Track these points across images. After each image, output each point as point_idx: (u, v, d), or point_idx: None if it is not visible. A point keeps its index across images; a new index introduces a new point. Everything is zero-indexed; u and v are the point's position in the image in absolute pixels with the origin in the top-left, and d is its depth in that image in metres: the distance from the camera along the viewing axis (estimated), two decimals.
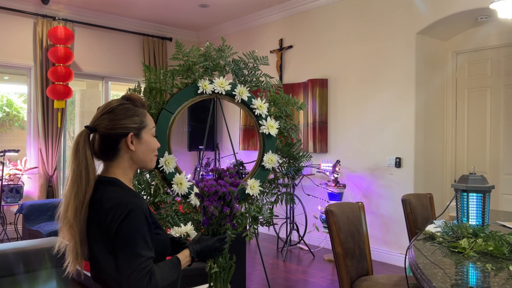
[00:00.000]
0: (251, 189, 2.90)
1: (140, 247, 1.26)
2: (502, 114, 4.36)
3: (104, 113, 1.38)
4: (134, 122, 1.39)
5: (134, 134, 1.39)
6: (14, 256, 2.52)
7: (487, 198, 1.89)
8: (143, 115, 1.43)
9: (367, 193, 4.79)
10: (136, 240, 1.26)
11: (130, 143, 1.38)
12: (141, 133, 1.41)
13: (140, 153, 1.41)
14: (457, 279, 1.39)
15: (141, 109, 1.43)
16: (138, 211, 1.29)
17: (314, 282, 4.01)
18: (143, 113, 1.43)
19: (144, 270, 1.24)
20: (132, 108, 1.41)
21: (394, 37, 4.56)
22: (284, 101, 3.13)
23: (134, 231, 1.26)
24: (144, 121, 1.42)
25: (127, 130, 1.38)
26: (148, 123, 1.44)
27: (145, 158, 1.43)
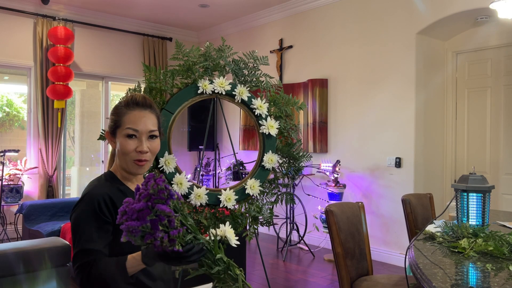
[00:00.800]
0: (251, 189, 2.90)
1: (82, 238, 1.26)
2: (502, 114, 4.36)
3: None
4: (111, 121, 1.42)
5: (110, 132, 1.41)
6: (14, 256, 2.51)
7: (487, 198, 1.89)
8: (122, 114, 1.39)
9: (367, 193, 4.79)
10: (79, 230, 1.28)
11: (108, 140, 1.43)
12: (116, 132, 1.40)
13: (118, 153, 1.41)
14: (457, 279, 1.39)
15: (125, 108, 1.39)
16: (89, 201, 1.30)
17: (314, 282, 4.01)
18: (123, 112, 1.39)
19: (82, 260, 1.24)
20: (118, 107, 1.42)
21: (394, 37, 4.57)
22: (284, 101, 3.13)
23: (80, 218, 1.29)
24: (119, 120, 1.39)
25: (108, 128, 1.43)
26: (122, 123, 1.38)
27: (121, 160, 1.40)
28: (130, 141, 1.36)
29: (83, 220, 1.29)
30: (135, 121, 1.37)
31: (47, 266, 2.63)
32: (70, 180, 7.46)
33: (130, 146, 1.36)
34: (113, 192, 1.35)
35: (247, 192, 2.90)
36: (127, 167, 1.39)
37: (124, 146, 1.36)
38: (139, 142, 1.37)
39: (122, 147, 1.37)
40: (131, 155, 1.36)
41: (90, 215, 1.29)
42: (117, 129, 1.39)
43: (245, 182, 2.94)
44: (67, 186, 7.03)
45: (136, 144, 1.36)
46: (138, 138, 1.37)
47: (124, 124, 1.37)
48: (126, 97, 1.47)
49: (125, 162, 1.38)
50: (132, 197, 1.27)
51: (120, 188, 1.39)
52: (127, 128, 1.37)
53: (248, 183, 2.92)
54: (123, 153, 1.37)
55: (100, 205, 1.30)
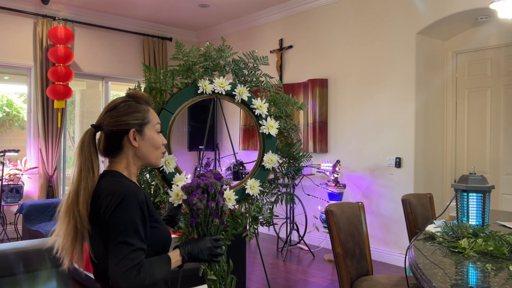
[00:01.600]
0: (251, 189, 2.90)
1: (130, 237, 1.22)
2: (502, 114, 4.36)
3: (107, 110, 1.40)
4: (135, 118, 1.39)
5: (136, 130, 1.39)
6: (14, 256, 2.51)
7: (487, 198, 1.88)
8: (146, 111, 1.42)
9: (367, 193, 4.79)
10: (127, 228, 1.23)
11: (133, 140, 1.38)
12: (143, 129, 1.40)
13: (143, 149, 1.40)
14: (457, 279, 1.39)
15: (144, 105, 1.43)
16: (131, 199, 1.26)
17: (314, 282, 4.01)
18: (146, 109, 1.42)
19: (132, 261, 1.21)
20: (134, 105, 1.41)
21: (394, 37, 4.56)
22: (284, 101, 3.13)
23: (125, 219, 1.24)
24: (146, 117, 1.41)
25: (129, 126, 1.38)
26: (151, 119, 1.42)
27: (149, 155, 1.42)
28: (160, 135, 1.44)
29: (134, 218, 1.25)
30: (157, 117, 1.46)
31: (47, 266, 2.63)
32: (70, 180, 7.45)
33: (161, 139, 1.44)
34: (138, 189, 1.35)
35: (247, 192, 2.90)
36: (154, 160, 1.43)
37: (157, 141, 1.42)
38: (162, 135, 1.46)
39: (154, 142, 1.41)
40: (161, 149, 1.44)
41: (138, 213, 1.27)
42: (146, 125, 1.41)
43: (245, 182, 2.94)
44: (67, 186, 7.03)
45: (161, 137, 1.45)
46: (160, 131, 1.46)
47: (153, 120, 1.43)
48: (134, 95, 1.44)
49: (154, 157, 1.43)
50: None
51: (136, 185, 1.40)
52: (157, 123, 1.44)
53: (248, 183, 2.92)
54: (155, 148, 1.42)
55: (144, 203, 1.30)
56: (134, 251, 1.22)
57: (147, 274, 1.23)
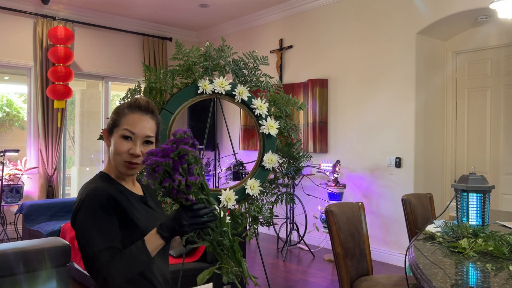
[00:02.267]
0: (251, 189, 2.90)
1: (93, 238, 1.23)
2: (502, 114, 4.36)
3: None
4: (111, 119, 1.42)
5: (107, 130, 1.41)
6: (14, 256, 2.51)
7: (487, 198, 1.88)
8: (122, 115, 1.39)
9: (367, 193, 4.79)
10: (88, 230, 1.25)
11: (105, 138, 1.43)
12: (113, 131, 1.39)
13: (110, 153, 1.40)
14: (457, 279, 1.39)
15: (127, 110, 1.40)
16: (92, 199, 1.27)
17: (314, 282, 4.01)
18: (124, 113, 1.40)
19: (99, 261, 1.20)
20: (121, 107, 1.42)
21: (394, 37, 4.57)
22: (284, 101, 3.13)
23: (85, 221, 1.25)
24: (118, 120, 1.39)
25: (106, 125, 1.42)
26: (120, 123, 1.38)
27: (112, 159, 1.39)
28: (124, 142, 1.36)
29: (91, 221, 1.25)
30: (134, 124, 1.38)
31: (47, 266, 2.63)
32: (70, 180, 7.46)
33: (123, 147, 1.36)
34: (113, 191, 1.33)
35: (247, 192, 2.90)
36: (117, 167, 1.38)
37: (117, 146, 1.36)
38: (133, 145, 1.37)
39: (115, 146, 1.37)
40: (123, 156, 1.36)
41: (97, 213, 1.26)
42: (115, 128, 1.39)
43: (245, 182, 2.94)
44: (67, 186, 7.03)
45: (129, 146, 1.36)
46: (133, 140, 1.37)
47: (122, 125, 1.38)
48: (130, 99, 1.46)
49: (116, 162, 1.38)
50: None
51: (118, 187, 1.38)
52: (124, 129, 1.37)
53: (248, 183, 2.92)
54: (116, 153, 1.37)
55: (104, 202, 1.28)
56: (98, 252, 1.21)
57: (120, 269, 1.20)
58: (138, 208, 1.39)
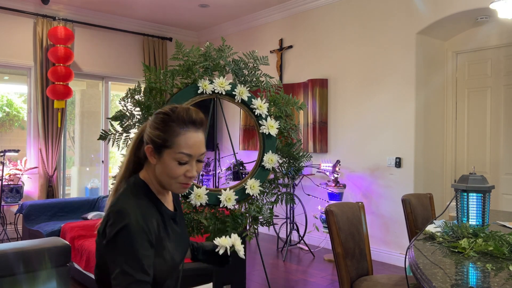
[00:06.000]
0: (251, 189, 2.90)
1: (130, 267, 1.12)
2: (502, 114, 4.36)
3: (156, 113, 1.30)
4: (156, 137, 1.24)
5: (154, 148, 1.24)
6: (14, 256, 2.52)
7: (487, 198, 1.88)
8: (174, 135, 1.23)
9: (367, 193, 4.79)
10: (127, 258, 1.13)
11: (149, 154, 1.26)
12: (162, 151, 1.23)
13: (158, 170, 1.26)
14: (457, 279, 1.39)
15: (178, 127, 1.23)
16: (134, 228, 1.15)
17: (314, 282, 4.01)
18: (176, 132, 1.23)
19: None
20: (165, 121, 1.24)
21: (394, 37, 4.56)
22: (284, 101, 3.13)
23: (126, 248, 1.13)
24: (169, 141, 1.22)
25: (148, 140, 1.26)
26: (174, 145, 1.22)
27: (162, 179, 1.27)
28: (180, 167, 1.23)
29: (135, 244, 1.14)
30: (191, 146, 1.24)
31: (47, 266, 2.63)
32: (70, 180, 7.46)
33: (180, 171, 1.24)
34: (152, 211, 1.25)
35: (247, 192, 2.90)
36: (169, 187, 1.28)
37: (172, 171, 1.23)
38: (190, 167, 1.25)
39: (169, 170, 1.23)
40: (179, 179, 1.25)
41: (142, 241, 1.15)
42: (165, 149, 1.23)
43: (245, 182, 2.94)
44: (67, 186, 7.03)
45: (186, 169, 1.24)
46: (189, 162, 1.25)
47: (177, 147, 1.22)
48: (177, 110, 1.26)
49: (168, 183, 1.26)
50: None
51: (158, 206, 1.29)
52: (180, 152, 1.22)
53: (248, 183, 2.92)
54: (169, 176, 1.24)
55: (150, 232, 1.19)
56: (134, 283, 1.11)
57: None
58: (170, 233, 1.32)
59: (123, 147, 2.76)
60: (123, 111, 2.82)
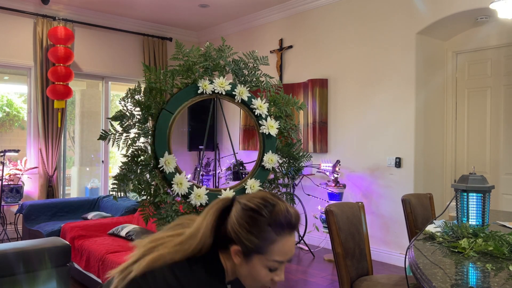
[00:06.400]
0: (251, 189, 2.90)
1: None
2: (502, 114, 4.36)
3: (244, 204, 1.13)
4: (249, 241, 1.09)
5: (243, 250, 1.10)
6: (14, 256, 2.52)
7: (487, 198, 1.88)
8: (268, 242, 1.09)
9: (367, 193, 4.79)
10: None
11: (234, 255, 1.12)
12: (252, 256, 1.10)
13: (242, 271, 1.13)
14: (457, 279, 1.39)
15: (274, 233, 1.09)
16: None
17: (314, 282, 4.01)
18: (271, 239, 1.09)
19: None
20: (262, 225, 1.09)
21: (394, 37, 4.57)
22: (284, 101, 3.13)
23: None
24: (262, 248, 1.09)
25: (237, 241, 1.10)
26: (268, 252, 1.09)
27: (245, 280, 1.15)
28: (269, 272, 1.12)
29: None
30: (286, 252, 1.11)
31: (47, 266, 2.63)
32: (70, 180, 7.46)
33: (269, 277, 1.12)
34: None
35: (247, 192, 2.90)
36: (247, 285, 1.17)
37: (260, 277, 1.12)
38: (280, 272, 1.13)
39: (257, 276, 1.12)
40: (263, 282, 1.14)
41: None
42: (256, 254, 1.10)
43: (245, 182, 2.94)
44: (67, 186, 7.03)
45: (275, 274, 1.13)
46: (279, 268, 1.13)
47: (271, 255, 1.10)
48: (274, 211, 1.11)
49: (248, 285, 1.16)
50: None
51: None
52: (274, 261, 1.10)
53: (248, 183, 2.92)
54: (255, 280, 1.13)
55: None
56: None
57: None
58: None
59: (123, 147, 2.76)
60: (123, 111, 2.82)
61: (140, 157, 2.72)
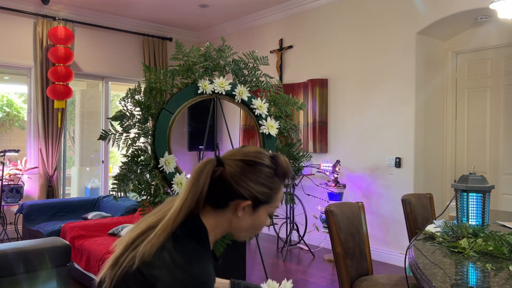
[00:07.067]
0: None
1: None
2: (502, 114, 4.36)
3: (241, 159, 1.15)
4: (261, 194, 1.15)
5: (253, 204, 1.15)
6: (14, 256, 2.52)
7: (487, 198, 1.89)
8: (276, 191, 1.19)
9: (367, 193, 4.79)
10: None
11: (240, 209, 1.15)
12: (259, 207, 1.17)
13: (243, 223, 1.18)
14: (457, 279, 1.39)
15: (280, 183, 1.20)
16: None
17: (314, 282, 4.01)
18: (278, 188, 1.19)
19: None
20: (272, 176, 1.16)
21: (394, 37, 4.57)
22: (284, 101, 3.13)
23: None
24: (272, 197, 1.18)
25: (249, 196, 1.14)
26: (274, 200, 1.19)
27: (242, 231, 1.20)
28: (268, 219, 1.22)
29: None
30: (282, 197, 1.23)
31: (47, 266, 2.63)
32: (70, 180, 7.47)
33: (267, 222, 1.22)
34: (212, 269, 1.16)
35: None
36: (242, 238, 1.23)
37: (263, 223, 1.20)
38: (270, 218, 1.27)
39: (260, 223, 1.19)
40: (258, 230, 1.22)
41: None
42: (264, 204, 1.17)
43: None
44: (67, 186, 7.04)
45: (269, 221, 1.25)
46: None
47: (275, 202, 1.20)
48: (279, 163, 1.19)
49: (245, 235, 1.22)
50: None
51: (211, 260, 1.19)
52: (276, 206, 1.21)
53: None
54: (255, 228, 1.20)
55: None
56: None
57: None
58: None
59: (123, 147, 2.76)
60: (123, 111, 2.82)
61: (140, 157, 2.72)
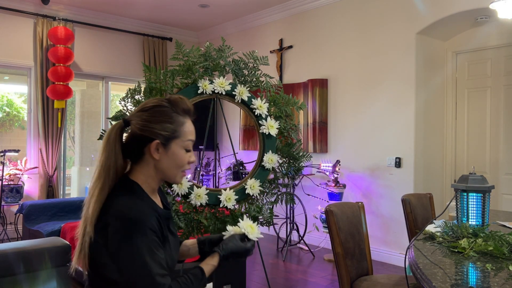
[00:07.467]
0: (251, 189, 2.91)
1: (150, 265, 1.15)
2: (502, 114, 4.36)
3: (140, 110, 1.29)
4: (164, 130, 1.26)
5: (161, 142, 1.26)
6: (14, 256, 2.52)
7: (487, 198, 1.89)
8: (180, 124, 1.29)
9: (367, 193, 4.79)
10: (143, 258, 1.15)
11: (154, 151, 1.26)
12: (170, 143, 1.27)
13: (163, 164, 1.28)
14: (457, 279, 1.39)
15: (181, 116, 1.30)
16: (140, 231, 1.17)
17: (314, 282, 4.01)
18: (181, 121, 1.29)
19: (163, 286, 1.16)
20: (169, 113, 1.28)
21: (394, 37, 4.57)
22: (284, 101, 3.13)
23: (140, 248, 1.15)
24: (177, 131, 1.28)
25: (154, 136, 1.26)
26: (182, 134, 1.29)
27: (168, 171, 1.29)
28: (187, 154, 1.31)
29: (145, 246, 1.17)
30: (192, 132, 1.32)
31: (47, 266, 2.63)
32: (70, 180, 7.47)
33: (186, 158, 1.31)
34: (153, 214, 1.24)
35: (247, 192, 2.90)
36: (173, 178, 1.32)
37: (181, 159, 1.29)
38: (191, 153, 1.33)
39: (179, 160, 1.29)
40: (185, 167, 1.31)
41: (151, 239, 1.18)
42: (173, 140, 1.28)
43: (245, 182, 2.94)
44: (67, 186, 7.04)
45: (189, 155, 1.32)
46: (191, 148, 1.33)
47: (185, 135, 1.29)
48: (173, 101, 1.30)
49: (173, 175, 1.31)
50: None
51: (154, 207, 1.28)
52: (188, 140, 1.30)
53: (248, 183, 2.92)
54: (177, 166, 1.30)
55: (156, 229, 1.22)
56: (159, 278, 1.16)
57: None
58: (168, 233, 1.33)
59: None
60: (123, 111, 2.82)
61: None
